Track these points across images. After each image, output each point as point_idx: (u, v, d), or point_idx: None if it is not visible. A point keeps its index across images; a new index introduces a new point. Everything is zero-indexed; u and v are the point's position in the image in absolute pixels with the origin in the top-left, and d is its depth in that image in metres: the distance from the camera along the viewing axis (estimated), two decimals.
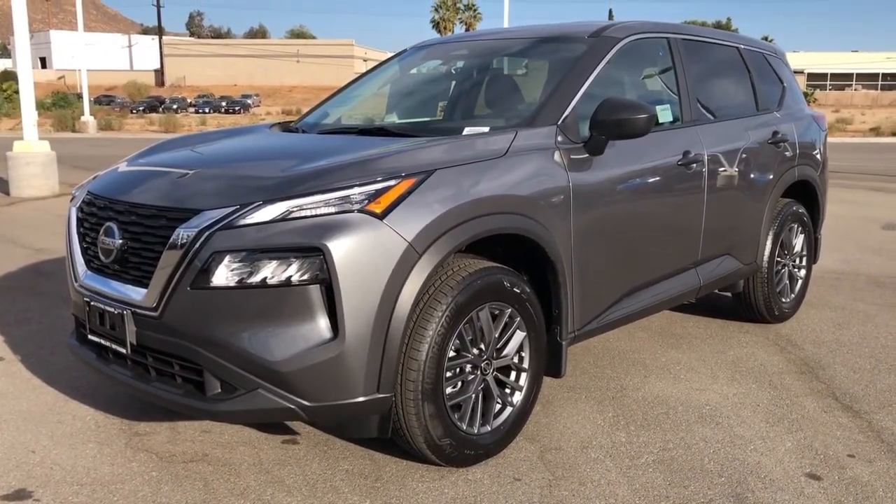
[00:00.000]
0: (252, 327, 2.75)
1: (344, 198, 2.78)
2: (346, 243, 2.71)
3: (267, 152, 3.63)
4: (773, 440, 3.47)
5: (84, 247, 3.31)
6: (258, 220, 2.75)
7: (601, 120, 3.46)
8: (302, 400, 2.78)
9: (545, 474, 3.16)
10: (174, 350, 2.90)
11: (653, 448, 3.39)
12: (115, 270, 3.09)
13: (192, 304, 2.80)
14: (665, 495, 2.99)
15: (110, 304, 3.05)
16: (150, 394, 3.04)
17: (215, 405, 2.83)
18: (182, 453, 3.35)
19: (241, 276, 2.73)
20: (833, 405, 3.88)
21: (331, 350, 2.73)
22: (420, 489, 3.04)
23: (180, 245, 2.81)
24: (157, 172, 3.31)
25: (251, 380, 2.77)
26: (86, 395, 3.97)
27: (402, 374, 2.89)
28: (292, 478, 3.13)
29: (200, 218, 2.81)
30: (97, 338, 3.18)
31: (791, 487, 3.05)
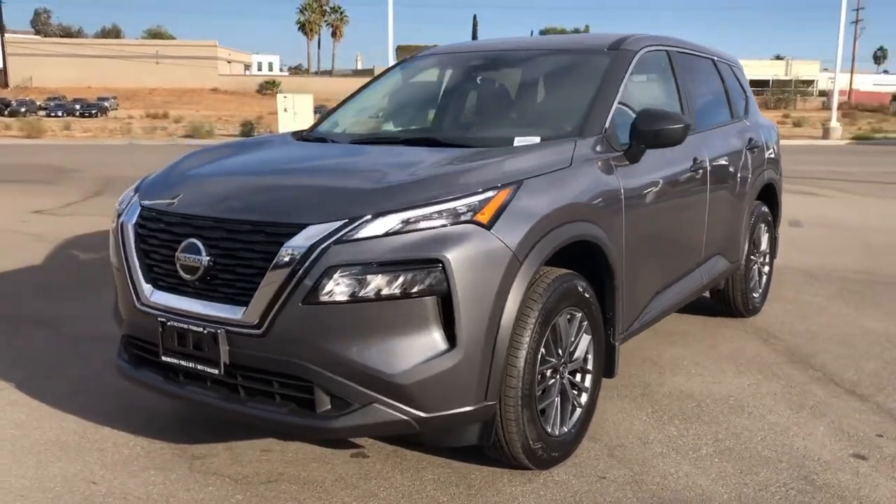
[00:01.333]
0: (368, 341, 2.73)
1: (451, 209, 2.81)
2: (462, 254, 2.74)
3: (336, 163, 3.58)
4: (805, 426, 3.75)
5: (149, 264, 3.16)
6: (372, 233, 2.73)
7: (641, 130, 3.64)
8: (418, 412, 2.78)
9: (624, 471, 3.29)
10: (279, 368, 2.82)
11: (707, 439, 3.59)
12: (200, 288, 2.97)
13: (303, 320, 2.74)
14: (743, 482, 3.19)
15: (196, 324, 2.94)
16: (245, 414, 2.95)
17: (328, 422, 2.79)
18: (255, 474, 3.25)
19: (357, 291, 2.71)
20: (838, 390, 4.22)
21: (448, 360, 2.75)
22: (516, 493, 3.10)
23: (289, 261, 2.75)
24: (231, 184, 3.21)
25: (366, 394, 2.75)
26: (114, 420, 3.77)
27: (503, 381, 2.95)
28: (384, 491, 3.12)
29: (309, 233, 2.75)
30: (174, 359, 3.04)
31: (846, 468, 3.32)
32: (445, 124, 4.08)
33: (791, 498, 3.07)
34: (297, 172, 3.39)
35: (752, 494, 3.09)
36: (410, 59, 4.77)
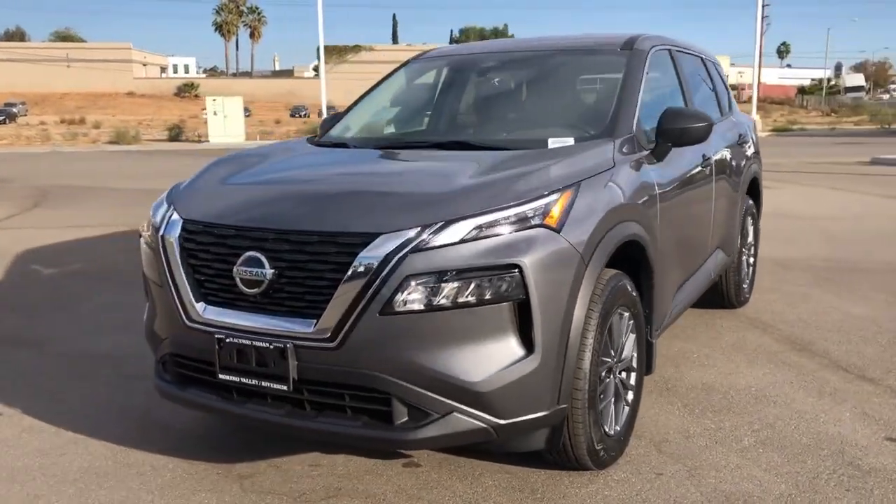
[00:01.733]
0: (447, 349, 2.70)
1: (521, 213, 2.80)
2: (537, 258, 2.74)
3: (384, 170, 3.52)
4: (832, 412, 3.87)
5: (199, 280, 3.04)
6: (447, 241, 2.69)
7: (667, 128, 3.70)
8: (496, 419, 2.76)
9: (678, 466, 3.33)
10: (353, 381, 2.76)
11: (744, 430, 3.67)
12: (263, 303, 2.88)
13: (380, 331, 2.69)
14: (795, 471, 3.28)
15: (260, 339, 2.84)
16: (314, 430, 2.87)
17: (408, 434, 2.74)
18: (312, 490, 3.17)
19: (435, 299, 2.67)
20: (849, 376, 4.37)
21: (527, 366, 2.74)
22: (582, 495, 3.10)
23: (364, 272, 2.69)
24: (285, 195, 3.12)
25: (446, 403, 2.72)
26: (141, 442, 3.62)
27: (572, 384, 2.95)
28: (449, 500, 3.08)
29: (383, 241, 2.70)
30: (234, 376, 2.94)
31: (885, 452, 3.44)
32: (471, 128, 4.05)
33: (845, 484, 3.16)
34: (349, 180, 3.31)
35: (808, 483, 3.18)
36: (415, 62, 4.72)
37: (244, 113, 29.53)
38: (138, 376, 4.49)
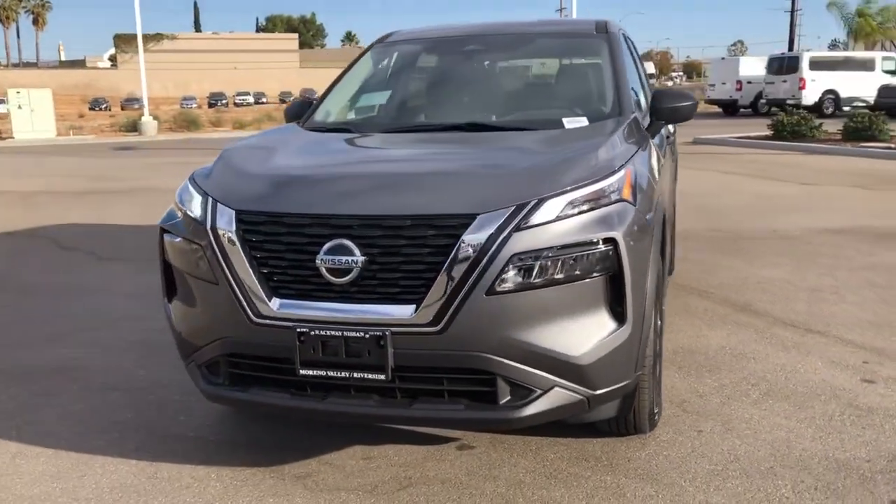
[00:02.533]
0: (549, 325, 2.73)
1: (602, 189, 2.88)
2: (625, 232, 2.83)
3: (438, 153, 3.46)
4: (806, 363, 4.25)
5: (267, 273, 2.86)
6: (544, 218, 2.72)
7: (661, 108, 3.91)
8: (591, 390, 2.84)
9: (711, 422, 3.55)
10: (457, 364, 2.73)
11: (745, 385, 3.96)
12: (350, 291, 2.76)
13: (486, 312, 2.68)
14: (811, 416, 3.59)
15: (352, 329, 2.73)
16: (411, 417, 2.83)
17: (514, 412, 2.75)
18: (382, 482, 3.10)
19: (538, 277, 2.70)
20: (798, 331, 4.81)
21: (620, 337, 2.83)
22: (643, 458, 3.24)
23: (470, 253, 2.66)
24: (351, 179, 3.01)
25: (549, 379, 2.76)
26: (163, 454, 3.37)
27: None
28: (526, 475, 3.12)
29: (484, 222, 2.68)
30: (319, 370, 2.80)
31: (870, 392, 3.85)
32: (478, 110, 4.04)
33: (857, 422, 3.52)
34: (419, 163, 3.24)
35: (828, 425, 3.50)
36: (382, 45, 4.64)
37: None
38: (111, 388, 4.15)
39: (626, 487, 3.01)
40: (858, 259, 6.65)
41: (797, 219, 8.55)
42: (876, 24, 36.03)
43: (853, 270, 6.26)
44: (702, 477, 3.08)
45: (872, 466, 3.12)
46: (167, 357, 4.52)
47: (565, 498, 2.96)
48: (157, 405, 3.92)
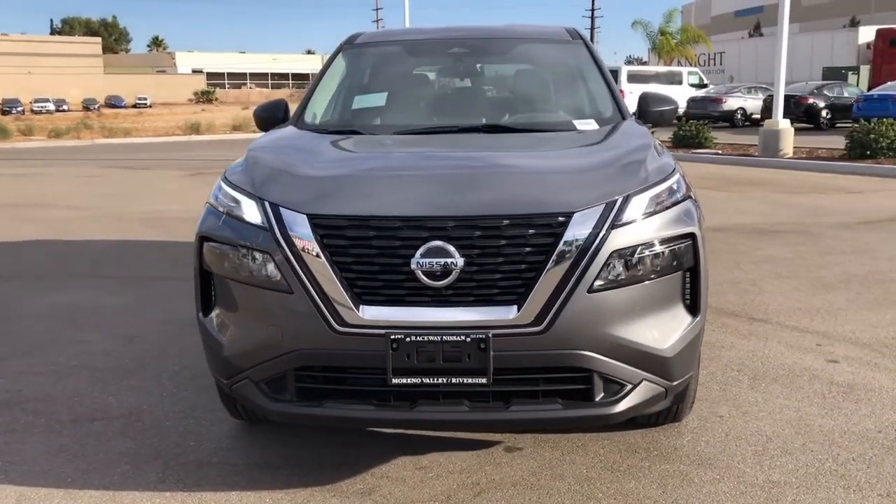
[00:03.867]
0: (640, 321, 2.79)
1: (670, 188, 2.98)
2: (698, 227, 2.94)
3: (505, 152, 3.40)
4: (770, 349, 4.59)
5: (352, 279, 2.70)
6: (635, 215, 2.78)
7: (649, 111, 4.10)
8: (670, 382, 2.92)
9: (725, 407, 3.75)
10: (556, 363, 2.71)
11: (729, 371, 4.22)
12: (446, 294, 2.67)
13: (587, 310, 2.69)
14: (807, 396, 3.88)
15: (452, 334, 2.64)
16: (508, 420, 2.77)
17: (610, 408, 2.77)
18: (453, 491, 3.02)
19: (633, 273, 2.75)
20: (743, 319, 5.17)
21: (695, 329, 2.93)
22: (686, 445, 3.37)
23: (572, 251, 2.66)
24: (427, 178, 2.92)
25: (639, 373, 2.80)
26: (196, 483, 3.10)
27: None
28: (589, 469, 3.15)
29: (582, 219, 2.69)
30: (414, 378, 2.68)
31: (840, 370, 4.21)
32: (483, 112, 4.00)
33: (848, 397, 3.84)
34: (494, 163, 3.17)
35: (824, 402, 3.80)
36: (354, 47, 4.50)
37: None
38: (88, 418, 3.75)
39: (690, 474, 3.12)
40: (753, 253, 7.24)
41: None
42: (675, 42, 39.26)
43: (755, 264, 6.80)
44: (751, 458, 3.24)
45: (887, 437, 3.42)
46: (128, 382, 4.20)
47: (639, 489, 3.02)
48: (153, 432, 3.58)
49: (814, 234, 8.08)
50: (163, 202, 11.28)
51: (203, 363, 3.27)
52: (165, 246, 8.01)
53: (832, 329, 4.93)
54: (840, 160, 14.51)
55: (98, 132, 28.20)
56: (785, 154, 15.48)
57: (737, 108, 27.14)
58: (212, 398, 3.71)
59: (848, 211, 9.57)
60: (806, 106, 24.13)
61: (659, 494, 2.97)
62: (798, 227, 8.51)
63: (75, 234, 8.80)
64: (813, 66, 38.28)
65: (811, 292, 5.83)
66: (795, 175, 13.64)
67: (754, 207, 10.06)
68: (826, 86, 25.98)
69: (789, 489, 2.99)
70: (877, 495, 2.94)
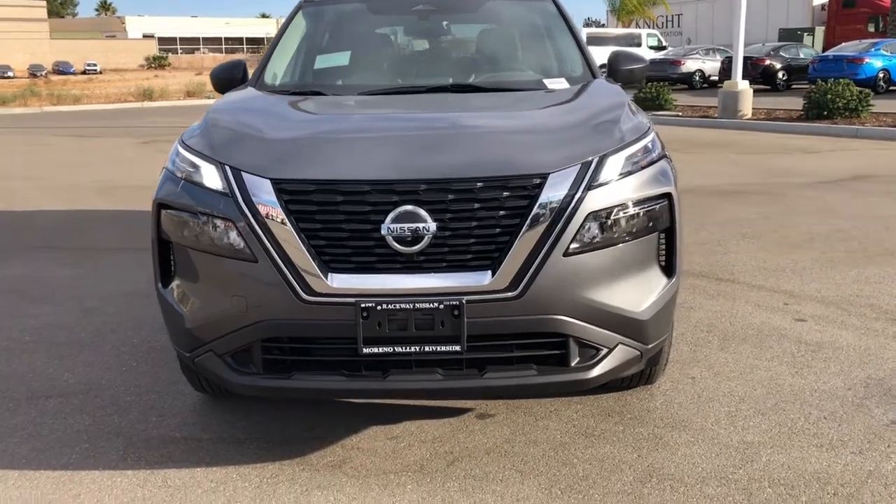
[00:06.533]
0: (616, 284, 2.72)
1: (645, 147, 2.90)
2: (674, 186, 2.88)
3: (476, 112, 3.29)
4: (738, 309, 4.59)
5: (320, 246, 2.59)
6: (611, 175, 2.70)
7: (620, 69, 4.00)
8: (644, 345, 2.87)
9: (697, 369, 3.73)
10: (533, 328, 2.64)
11: (699, 333, 4.20)
12: (418, 261, 2.57)
13: (563, 273, 2.61)
14: (777, 355, 3.88)
15: (425, 301, 2.55)
16: (483, 388, 2.70)
17: (585, 373, 2.71)
18: (426, 460, 2.95)
19: (610, 235, 2.68)
20: (711, 280, 5.16)
21: (670, 291, 2.88)
22: (659, 408, 3.34)
23: (548, 213, 2.58)
24: (397, 140, 2.80)
25: (615, 337, 2.75)
26: (163, 458, 2.99)
27: None
28: (562, 435, 3.11)
29: (557, 181, 2.61)
30: (385, 347, 2.59)
31: (808, 329, 4.22)
32: (450, 71, 3.87)
33: (817, 356, 3.84)
34: (465, 124, 3.06)
35: (794, 361, 3.80)
36: (315, 6, 4.32)
37: None
38: (43, 395, 3.61)
39: (665, 437, 3.09)
40: (717, 214, 7.25)
41: None
42: (637, 2, 39.20)
43: (720, 224, 6.81)
44: (724, 419, 3.23)
45: (856, 394, 3.43)
46: (85, 356, 4.05)
47: (615, 453, 2.99)
48: (113, 408, 3.45)
49: (776, 195, 8.13)
50: (115, 171, 10.96)
51: (164, 335, 3.15)
52: (119, 215, 7.78)
53: (798, 288, 4.95)
54: (798, 121, 14.65)
55: (46, 99, 27.29)
56: (744, 115, 15.58)
57: (695, 69, 27.25)
58: (174, 372, 3.60)
59: (808, 171, 9.66)
60: (763, 67, 24.32)
61: (634, 458, 2.94)
62: (761, 188, 8.55)
63: (25, 204, 8.51)
64: (769, 28, 38.60)
65: (776, 252, 5.85)
66: (755, 136, 13.74)
67: (716, 169, 10.09)
68: (782, 47, 26.19)
69: (763, 449, 2.97)
70: (849, 453, 2.94)
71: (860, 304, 4.62)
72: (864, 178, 9.02)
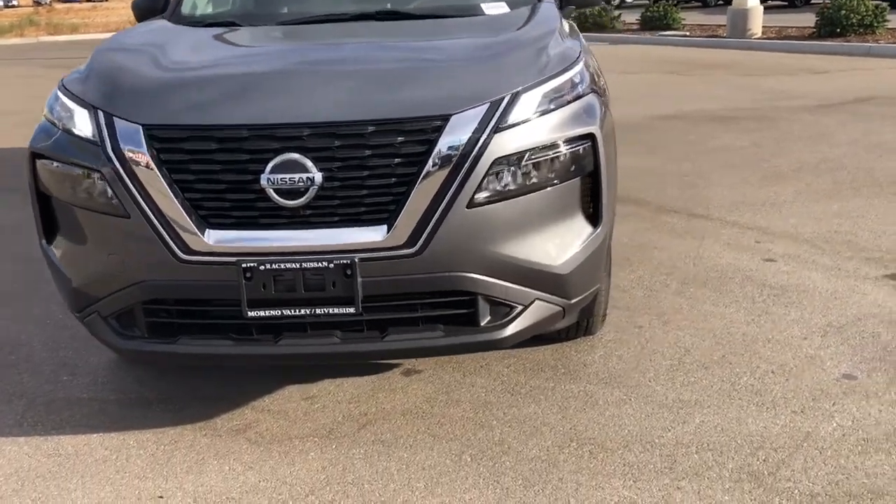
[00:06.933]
0: (530, 235, 2.48)
1: (570, 80, 2.61)
2: (600, 125, 2.60)
3: (383, 45, 3.03)
4: (706, 249, 4.32)
5: (196, 199, 2.36)
6: (524, 115, 2.42)
7: None
8: (567, 300, 2.64)
9: (646, 317, 3.50)
10: (436, 286, 2.42)
11: (661, 276, 3.96)
12: (305, 215, 2.34)
13: (467, 227, 2.37)
14: (735, 300, 3.64)
15: (313, 259, 2.33)
16: (385, 351, 2.49)
17: (499, 332, 2.50)
18: (338, 423, 2.78)
19: (521, 182, 2.42)
20: (682, 216, 4.89)
21: (596, 241, 2.63)
22: (597, 361, 3.13)
23: (448, 160, 2.32)
24: (281, 79, 2.53)
25: (530, 293, 2.52)
26: (62, 423, 2.84)
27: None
28: (487, 393, 2.92)
29: (459, 123, 2.34)
30: (273, 310, 2.38)
31: (775, 271, 3.96)
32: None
33: (778, 301, 3.60)
34: (363, 60, 2.77)
35: (753, 306, 3.56)
36: None
37: None
38: None
39: (595, 394, 2.89)
40: (707, 143, 6.90)
41: (633, 107, 8.69)
42: None
43: (708, 153, 6.48)
44: (664, 374, 3.01)
45: (811, 343, 3.20)
46: (6, 309, 3.86)
47: (538, 413, 2.79)
48: (26, 366, 3.30)
49: (773, 119, 7.74)
50: None
51: None
52: None
53: (774, 224, 4.66)
54: (809, 39, 14.01)
55: (44, 29, 26.83)
56: (753, 34, 14.93)
57: None
58: None
59: (811, 93, 9.20)
60: None
61: (558, 420, 2.74)
62: (758, 113, 8.14)
63: (3, 141, 8.29)
64: None
65: (760, 184, 5.54)
66: (762, 56, 13.16)
67: (716, 92, 9.65)
68: None
69: (698, 409, 2.77)
70: (790, 412, 2.72)
71: (836, 240, 4.34)
72: (868, 100, 8.56)
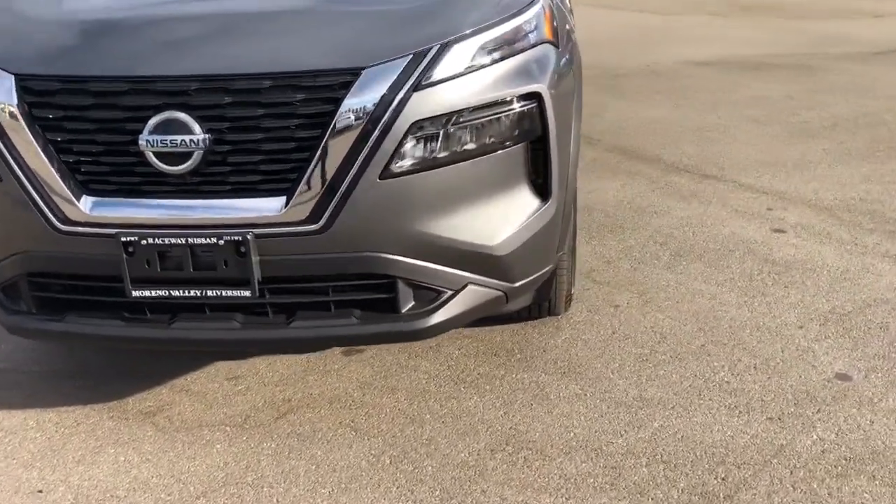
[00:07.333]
0: (460, 211, 2.14)
1: (518, 28, 2.22)
2: (551, 83, 2.22)
3: None
4: (710, 214, 3.91)
5: (72, 163, 2.08)
6: (452, 70, 2.06)
7: None
8: (509, 283, 2.30)
9: (626, 294, 3.14)
10: (347, 268, 2.11)
11: (651, 246, 3.57)
12: (192, 182, 2.04)
13: (380, 200, 2.04)
14: (730, 278, 3.26)
15: (200, 234, 2.04)
16: (291, 339, 2.20)
17: (421, 321, 2.18)
18: (257, 410, 2.52)
19: (445, 150, 2.08)
20: (695, 177, 4.45)
21: (544, 217, 2.28)
22: (560, 345, 2.81)
23: (356, 122, 1.98)
24: (166, 24, 2.19)
25: (461, 276, 2.20)
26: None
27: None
28: (427, 380, 2.62)
29: (372, 78, 1.99)
30: (160, 290, 2.10)
31: (782, 243, 3.54)
32: None
33: (779, 280, 3.20)
34: (251, 5, 2.41)
35: (750, 286, 3.17)
36: None
37: None
38: None
39: (547, 386, 2.57)
40: (737, 93, 6.35)
41: (667, 51, 8.12)
42: None
43: (735, 105, 5.95)
44: (630, 365, 2.67)
45: (807, 334, 2.82)
46: None
47: (478, 408, 2.49)
48: None
49: (813, 68, 7.13)
50: None
51: None
52: None
53: (793, 188, 4.22)
54: None
55: None
56: None
57: None
58: None
59: (863, 39, 8.48)
60: None
61: (498, 417, 2.44)
62: (799, 60, 7.51)
63: None
64: None
65: (787, 141, 5.05)
66: None
67: (756, 36, 8.96)
68: None
69: (660, 410, 2.43)
70: (765, 419, 2.37)
71: (859, 209, 3.89)
72: None
